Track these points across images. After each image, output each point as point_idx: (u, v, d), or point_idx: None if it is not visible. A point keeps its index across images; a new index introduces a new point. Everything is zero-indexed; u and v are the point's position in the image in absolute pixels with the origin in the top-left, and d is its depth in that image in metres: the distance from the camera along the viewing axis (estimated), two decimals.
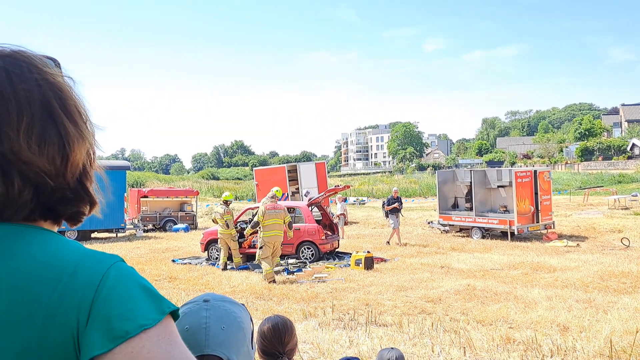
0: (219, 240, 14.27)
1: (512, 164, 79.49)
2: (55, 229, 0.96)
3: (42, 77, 0.90)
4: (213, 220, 14.62)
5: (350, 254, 14.41)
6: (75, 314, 0.79)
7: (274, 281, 11.61)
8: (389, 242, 18.30)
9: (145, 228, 25.99)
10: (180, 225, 26.20)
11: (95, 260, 0.85)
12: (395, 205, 18.28)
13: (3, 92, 0.86)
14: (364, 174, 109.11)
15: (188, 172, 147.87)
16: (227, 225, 14.02)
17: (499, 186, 20.76)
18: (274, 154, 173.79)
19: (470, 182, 20.82)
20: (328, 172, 28.65)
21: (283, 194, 23.59)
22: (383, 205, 19.46)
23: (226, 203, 14.54)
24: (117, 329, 0.79)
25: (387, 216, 18.89)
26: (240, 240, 14.73)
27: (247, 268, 14.00)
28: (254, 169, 28.01)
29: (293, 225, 13.39)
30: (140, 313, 0.81)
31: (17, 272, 0.81)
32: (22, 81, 0.88)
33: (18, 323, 0.78)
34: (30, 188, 0.87)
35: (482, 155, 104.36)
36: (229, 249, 14.17)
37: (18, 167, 0.85)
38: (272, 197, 12.77)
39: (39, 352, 0.78)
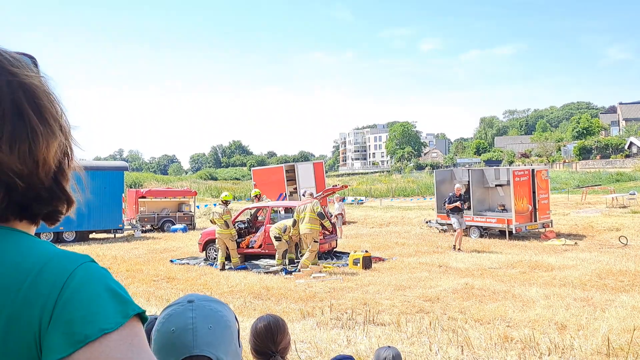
0: (216, 240, 14.26)
1: (510, 163, 79.46)
2: (33, 229, 0.94)
3: (13, 77, 0.88)
4: (211, 221, 14.59)
5: (348, 253, 14.41)
6: (38, 316, 0.77)
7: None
8: (455, 247, 16.12)
9: (144, 228, 25.96)
10: (178, 226, 26.18)
11: (62, 260, 0.83)
12: (457, 204, 16.31)
13: None
14: (362, 173, 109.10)
15: (186, 173, 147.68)
16: (227, 225, 14.02)
17: (496, 185, 20.79)
18: (272, 154, 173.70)
19: (469, 181, 20.83)
20: (326, 172, 28.62)
21: (281, 194, 23.59)
22: (444, 203, 17.52)
23: (225, 203, 14.53)
24: (77, 333, 0.76)
25: (448, 216, 17.19)
26: (238, 240, 14.73)
27: (245, 268, 13.99)
28: (252, 169, 27.97)
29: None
30: (102, 316, 0.78)
31: None
32: None
33: None
34: (2, 188, 0.86)
35: (480, 155, 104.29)
36: (227, 249, 14.17)
37: None
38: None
39: (2, 356, 0.76)
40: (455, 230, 16.42)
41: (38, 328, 0.77)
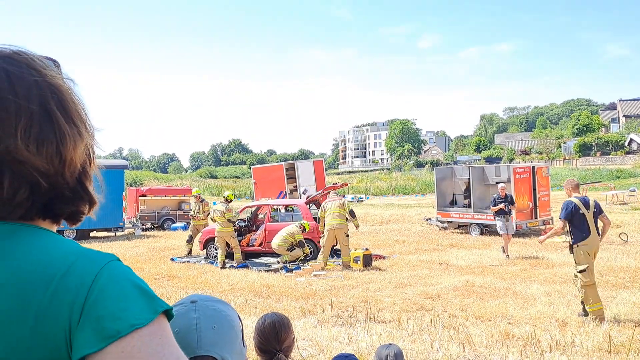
0: (216, 238, 14.27)
1: (511, 160, 79.50)
2: (55, 228, 0.96)
3: (41, 78, 0.90)
4: (212, 219, 14.61)
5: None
6: (68, 314, 0.79)
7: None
8: (504, 252, 13.93)
9: (144, 227, 25.94)
10: (178, 224, 26.17)
11: (88, 259, 0.85)
12: (502, 206, 14.67)
13: (2, 92, 0.87)
14: (362, 171, 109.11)
15: (186, 171, 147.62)
16: (231, 222, 14.06)
17: (497, 182, 20.75)
18: (271, 152, 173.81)
19: (469, 179, 20.83)
20: (326, 170, 28.59)
21: (281, 192, 23.58)
22: (488, 206, 15.80)
23: (227, 201, 14.54)
24: (108, 329, 0.78)
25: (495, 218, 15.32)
26: (238, 238, 14.73)
27: (245, 266, 14.00)
28: (252, 167, 27.95)
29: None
30: (132, 312, 0.81)
31: (11, 271, 0.82)
32: (22, 81, 0.88)
33: (10, 322, 0.78)
34: (26, 187, 0.87)
35: (480, 152, 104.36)
36: (227, 247, 14.19)
37: (13, 167, 0.86)
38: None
39: (29, 351, 0.78)
40: (501, 235, 14.58)
41: (68, 325, 0.79)
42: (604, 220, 8.09)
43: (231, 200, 14.72)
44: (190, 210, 18.23)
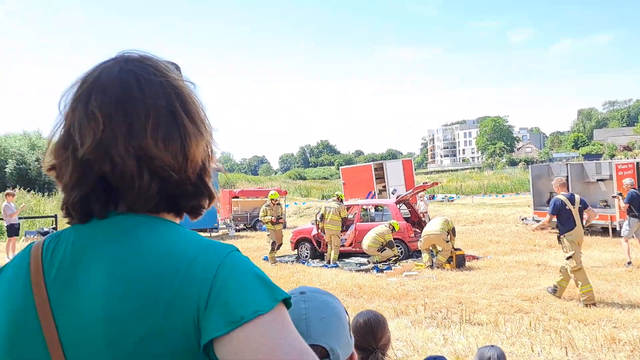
0: (326, 235, 14.36)
1: (612, 156, 75.12)
2: (177, 221, 1.02)
3: (166, 80, 0.97)
4: (322, 216, 14.48)
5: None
6: (195, 302, 0.84)
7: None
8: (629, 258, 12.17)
9: (237, 228, 26.73)
10: None
11: (211, 250, 0.90)
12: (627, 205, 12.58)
13: (133, 93, 0.94)
14: (451, 170, 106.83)
15: (275, 173, 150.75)
16: (342, 220, 14.29)
17: (598, 180, 19.73)
18: (359, 153, 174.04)
19: (567, 176, 19.89)
20: (415, 170, 28.26)
21: (370, 192, 23.55)
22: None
23: (340, 200, 14.70)
24: (233, 314, 0.82)
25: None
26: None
27: (336, 266, 14.08)
28: (341, 168, 28.14)
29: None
30: (254, 299, 0.84)
31: (143, 260, 0.88)
32: (149, 84, 0.95)
33: (142, 308, 0.84)
34: (157, 181, 0.94)
35: (578, 149, 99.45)
36: (318, 245, 14.37)
37: (146, 162, 0.92)
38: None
39: (162, 336, 0.83)
40: (624, 238, 12.68)
41: (196, 312, 0.84)
42: (590, 212, 9.32)
43: (341, 200, 14.86)
44: (267, 215, 15.38)
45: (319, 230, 14.72)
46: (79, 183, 0.94)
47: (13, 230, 15.78)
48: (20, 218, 17.22)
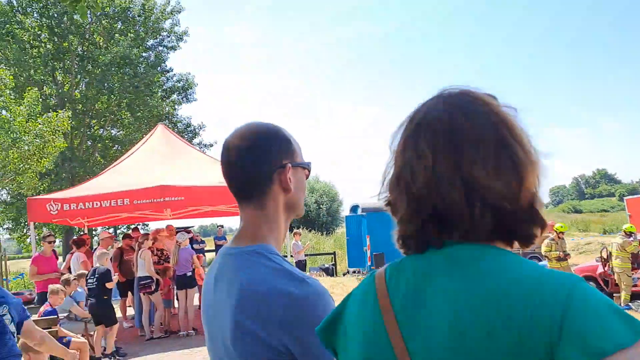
0: (615, 274, 13.05)
1: None
2: (509, 249, 1.02)
3: (490, 110, 1.00)
4: (609, 254, 13.29)
5: None
6: (547, 329, 0.83)
7: None
8: None
9: None
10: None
11: (556, 278, 0.88)
12: None
13: (460, 126, 0.98)
14: None
15: (547, 207, 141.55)
16: (632, 257, 12.86)
17: None
18: None
19: None
20: None
21: None
22: None
23: (629, 235, 13.27)
24: (592, 346, 0.79)
25: None
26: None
27: (629, 308, 12.53)
28: (625, 198, 25.34)
29: None
30: (615, 332, 0.80)
31: (493, 287, 0.89)
32: (475, 115, 0.99)
33: (497, 334, 0.85)
34: (490, 211, 0.95)
35: None
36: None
37: (478, 193, 0.95)
38: None
39: (519, 357, 0.83)
40: None
41: (549, 339, 0.82)
42: None
43: (632, 234, 13.31)
44: (553, 249, 13.77)
45: (605, 269, 13.32)
46: (413, 216, 1.01)
47: (300, 266, 17.46)
48: (305, 255, 19.05)
